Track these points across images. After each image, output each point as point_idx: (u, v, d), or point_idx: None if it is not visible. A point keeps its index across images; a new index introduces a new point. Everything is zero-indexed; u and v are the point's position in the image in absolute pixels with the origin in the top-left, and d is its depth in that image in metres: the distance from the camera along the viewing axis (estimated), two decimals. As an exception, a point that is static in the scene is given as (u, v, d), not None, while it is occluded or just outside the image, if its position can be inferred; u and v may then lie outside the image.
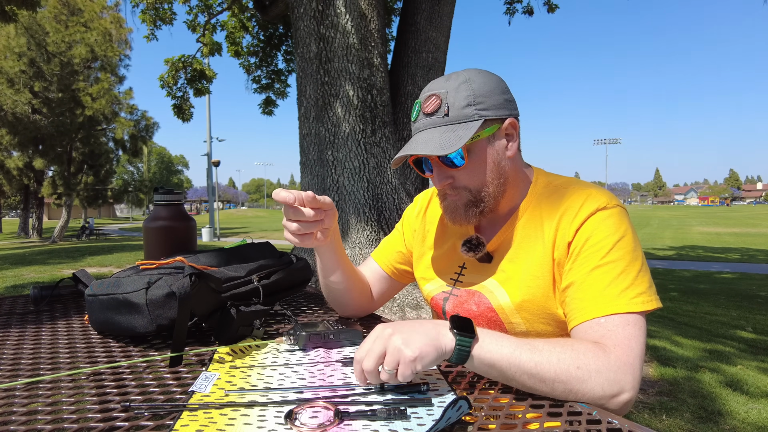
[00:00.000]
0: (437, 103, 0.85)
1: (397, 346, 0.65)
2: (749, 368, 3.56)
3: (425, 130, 0.86)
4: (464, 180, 0.88)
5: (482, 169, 0.87)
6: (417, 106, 0.89)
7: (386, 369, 0.65)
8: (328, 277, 1.01)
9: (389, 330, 0.68)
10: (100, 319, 0.92)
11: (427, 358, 0.65)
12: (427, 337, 0.66)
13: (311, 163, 3.92)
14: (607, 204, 0.82)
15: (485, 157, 0.87)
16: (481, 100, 0.84)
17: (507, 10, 7.22)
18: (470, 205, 0.89)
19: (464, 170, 0.86)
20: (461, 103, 0.84)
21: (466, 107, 0.84)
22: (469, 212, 0.89)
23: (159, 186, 1.41)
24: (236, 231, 30.17)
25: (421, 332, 0.67)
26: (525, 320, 0.87)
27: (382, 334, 0.68)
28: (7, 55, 17.12)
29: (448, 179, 0.88)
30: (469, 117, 0.84)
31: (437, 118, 0.85)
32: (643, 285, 0.77)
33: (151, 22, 7.30)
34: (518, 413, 0.65)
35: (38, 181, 22.76)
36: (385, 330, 0.68)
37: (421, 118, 0.87)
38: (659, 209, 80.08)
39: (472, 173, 0.87)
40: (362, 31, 3.76)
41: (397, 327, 0.69)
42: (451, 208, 0.91)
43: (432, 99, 0.86)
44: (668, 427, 2.55)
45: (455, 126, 0.83)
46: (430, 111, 0.86)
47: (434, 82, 0.89)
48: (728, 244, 18.58)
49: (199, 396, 0.66)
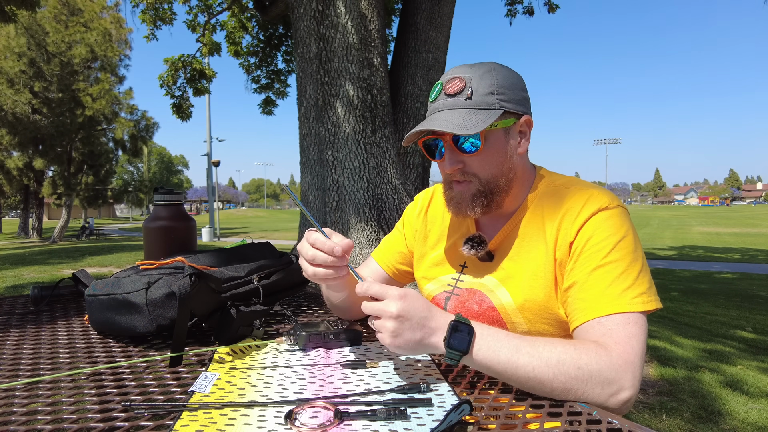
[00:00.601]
0: (461, 85, 0.84)
1: (387, 328, 0.69)
2: (749, 368, 3.56)
3: (445, 110, 0.85)
4: (475, 167, 0.87)
5: (495, 159, 0.87)
6: (438, 87, 0.88)
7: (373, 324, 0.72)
8: (332, 292, 1.00)
9: (394, 310, 0.69)
10: (100, 319, 0.92)
11: (404, 353, 0.75)
12: (416, 339, 0.70)
13: (311, 163, 3.92)
14: (608, 204, 0.83)
15: (499, 148, 0.87)
16: (504, 92, 0.85)
17: (508, 12, 7.22)
18: (478, 196, 0.88)
19: (477, 157, 0.86)
20: (485, 90, 0.84)
21: (489, 95, 0.84)
22: (475, 203, 0.88)
23: (159, 186, 1.41)
24: (236, 231, 30.17)
25: (416, 332, 0.70)
26: (527, 320, 0.87)
27: (388, 309, 0.70)
28: (7, 55, 17.12)
29: (459, 164, 0.87)
30: (491, 105, 0.84)
31: (459, 99, 0.84)
32: (643, 285, 0.77)
33: (151, 22, 7.29)
34: (518, 413, 0.65)
35: (38, 181, 22.75)
36: (392, 307, 0.70)
37: (441, 98, 0.86)
38: (659, 209, 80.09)
39: (484, 161, 0.86)
40: (362, 31, 3.75)
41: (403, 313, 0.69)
42: (457, 197, 0.90)
43: (456, 81, 0.85)
44: (668, 427, 2.55)
45: (476, 111, 0.83)
46: (452, 92, 0.85)
47: (458, 66, 0.89)
48: (728, 244, 18.58)
49: (199, 396, 0.66)
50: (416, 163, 4.29)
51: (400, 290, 0.72)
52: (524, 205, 0.91)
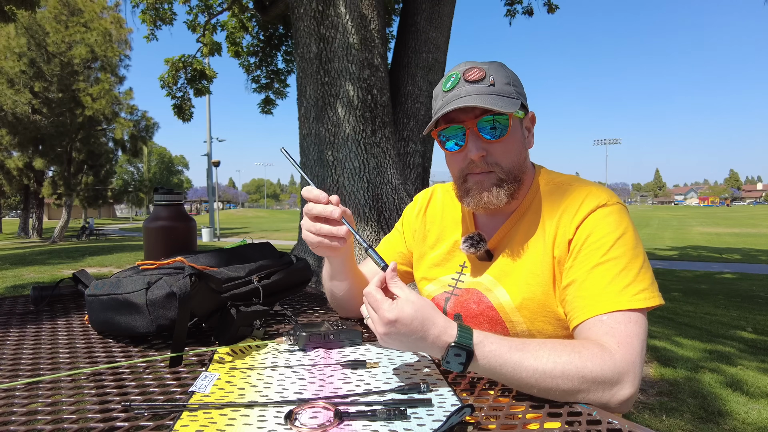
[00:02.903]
0: (482, 73, 0.84)
1: (378, 331, 0.69)
2: (749, 368, 3.56)
3: (471, 95, 0.83)
4: (498, 155, 0.86)
5: (515, 148, 0.87)
6: (454, 76, 0.86)
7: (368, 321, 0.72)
8: (335, 282, 1.00)
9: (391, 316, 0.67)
10: (100, 319, 0.92)
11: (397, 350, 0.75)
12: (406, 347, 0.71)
13: (311, 163, 3.92)
14: (607, 201, 0.83)
15: (519, 137, 0.88)
16: (516, 85, 0.87)
17: (507, 12, 7.23)
18: (499, 184, 0.86)
19: (501, 144, 0.86)
20: (503, 80, 0.85)
21: (507, 85, 0.85)
22: (500, 192, 0.86)
23: (159, 186, 1.41)
24: (236, 231, 30.17)
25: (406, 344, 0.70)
26: (525, 318, 0.87)
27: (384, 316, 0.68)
28: (7, 56, 17.12)
29: (483, 151, 0.85)
30: (511, 94, 0.85)
31: (483, 86, 0.84)
32: (645, 282, 0.77)
33: (151, 22, 7.30)
34: (518, 413, 0.65)
35: (38, 181, 22.76)
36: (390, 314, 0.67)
37: (461, 85, 0.84)
38: (659, 209, 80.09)
39: (506, 149, 0.86)
40: (362, 31, 3.76)
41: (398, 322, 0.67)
42: (478, 186, 0.87)
43: (474, 70, 0.85)
44: (668, 428, 2.55)
45: (502, 97, 0.83)
46: (475, 78, 0.84)
47: (467, 62, 0.89)
48: (728, 244, 18.58)
49: (199, 396, 0.66)
50: (416, 164, 4.29)
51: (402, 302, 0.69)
52: (524, 204, 0.91)
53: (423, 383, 0.68)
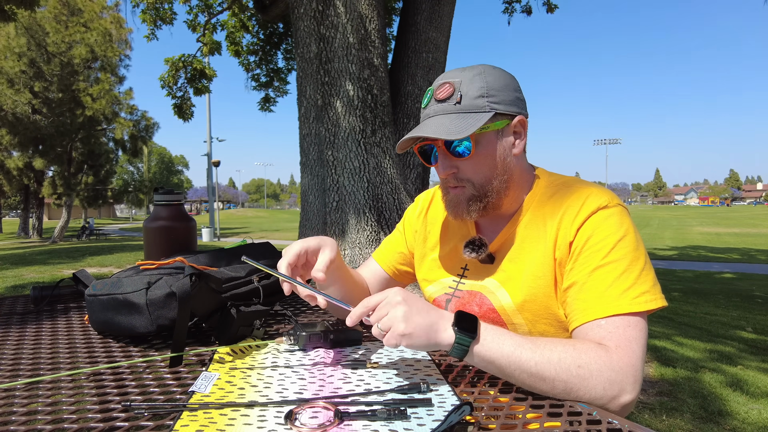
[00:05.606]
0: (450, 90, 0.85)
1: (397, 316, 0.69)
2: (749, 368, 3.56)
3: (435, 116, 0.86)
4: (468, 172, 0.87)
5: (488, 162, 0.87)
6: (429, 93, 0.89)
7: (379, 327, 0.71)
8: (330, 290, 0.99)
9: (399, 298, 0.71)
10: (100, 319, 0.92)
11: (416, 341, 0.69)
12: (427, 323, 0.70)
13: (311, 163, 3.92)
14: (608, 203, 0.82)
15: (492, 150, 0.87)
16: (494, 93, 0.85)
17: (505, 9, 7.23)
18: (473, 200, 0.88)
19: (470, 161, 0.86)
20: (474, 93, 0.84)
21: (479, 98, 0.84)
22: (472, 207, 0.88)
23: (159, 186, 1.41)
24: (236, 231, 30.17)
25: (424, 316, 0.71)
26: (527, 321, 0.87)
27: (393, 299, 0.71)
28: (7, 56, 17.12)
29: (453, 169, 0.88)
30: (481, 108, 0.84)
31: (449, 104, 0.85)
32: (646, 284, 0.76)
33: (152, 22, 7.30)
34: (518, 413, 0.65)
35: (38, 181, 22.76)
36: (396, 296, 0.72)
37: (432, 104, 0.87)
38: (659, 209, 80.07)
39: (477, 165, 0.87)
40: (362, 31, 3.76)
41: (408, 300, 0.71)
42: (453, 201, 0.91)
43: (445, 86, 0.86)
44: (669, 428, 2.55)
45: (466, 114, 0.84)
46: (442, 97, 0.86)
47: (450, 71, 0.89)
48: (728, 244, 18.57)
49: (199, 396, 0.66)
50: (416, 163, 4.29)
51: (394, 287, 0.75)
52: (523, 207, 0.91)
53: (423, 383, 0.68)
